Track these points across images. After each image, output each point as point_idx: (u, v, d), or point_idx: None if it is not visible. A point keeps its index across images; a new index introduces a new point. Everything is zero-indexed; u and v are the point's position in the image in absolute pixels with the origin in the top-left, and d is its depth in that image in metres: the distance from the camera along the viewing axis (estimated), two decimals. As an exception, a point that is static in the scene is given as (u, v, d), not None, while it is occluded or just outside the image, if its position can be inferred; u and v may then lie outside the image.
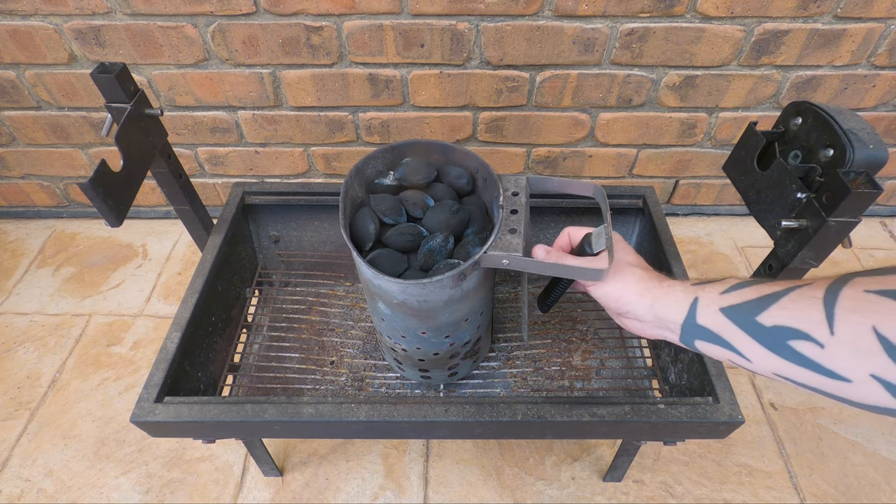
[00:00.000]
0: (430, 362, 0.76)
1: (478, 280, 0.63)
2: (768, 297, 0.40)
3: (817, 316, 0.36)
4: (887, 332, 0.32)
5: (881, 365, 0.32)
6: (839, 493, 0.96)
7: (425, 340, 0.70)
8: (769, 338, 0.39)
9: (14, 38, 1.09)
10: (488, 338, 0.85)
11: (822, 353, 0.36)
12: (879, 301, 0.33)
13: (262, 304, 1.02)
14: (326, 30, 1.07)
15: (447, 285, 0.60)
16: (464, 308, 0.66)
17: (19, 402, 1.09)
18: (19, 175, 1.38)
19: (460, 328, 0.70)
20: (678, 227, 1.46)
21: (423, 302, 0.62)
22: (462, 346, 0.74)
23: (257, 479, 0.98)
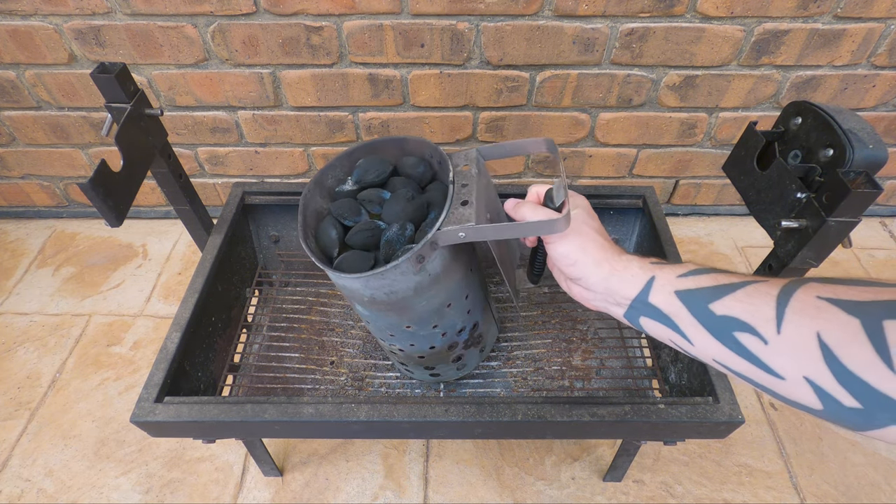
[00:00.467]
0: (430, 358, 0.75)
1: (445, 261, 0.62)
2: (724, 286, 0.41)
3: (768, 313, 0.37)
4: (829, 339, 0.33)
5: (816, 369, 0.34)
6: (839, 493, 0.96)
7: (415, 335, 0.69)
8: (717, 326, 0.40)
9: (14, 38, 1.09)
10: (491, 323, 0.81)
11: (764, 348, 0.37)
12: (828, 309, 0.34)
13: (262, 304, 1.02)
14: (326, 30, 1.07)
15: (409, 271, 0.58)
16: (440, 293, 0.65)
17: (19, 402, 1.09)
18: (19, 175, 1.38)
19: (445, 315, 0.68)
20: (678, 227, 1.46)
21: (391, 293, 0.61)
22: (457, 334, 0.73)
23: (257, 479, 0.98)
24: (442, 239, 0.57)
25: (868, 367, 0.31)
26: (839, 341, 0.33)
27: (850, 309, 0.33)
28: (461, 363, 0.79)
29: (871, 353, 0.31)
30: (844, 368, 0.32)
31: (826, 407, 0.34)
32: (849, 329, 0.32)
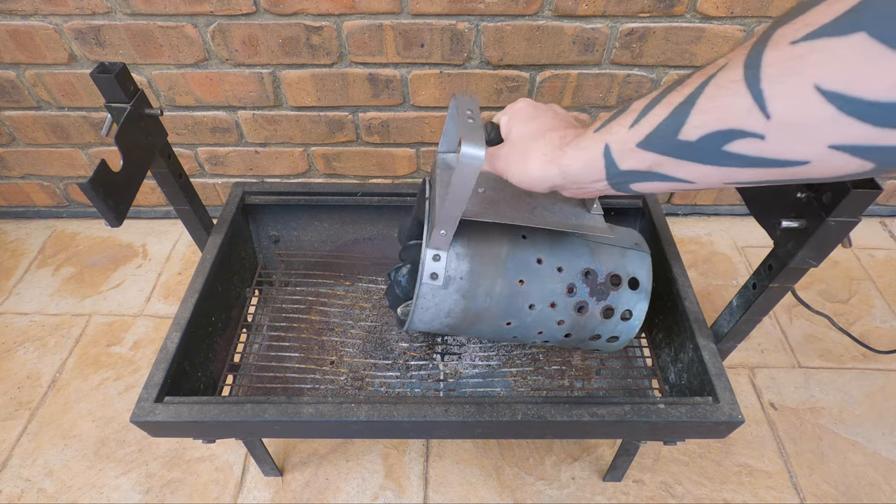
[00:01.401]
0: (577, 331, 0.71)
1: (461, 259, 0.63)
2: (682, 105, 0.34)
3: (744, 103, 0.30)
4: (832, 84, 0.26)
5: (839, 130, 0.27)
6: (839, 493, 0.96)
7: (526, 324, 0.69)
8: (701, 152, 0.34)
9: (14, 38, 1.09)
10: (616, 256, 0.72)
11: (764, 145, 0.30)
12: (811, 48, 0.26)
13: (262, 304, 1.02)
14: (326, 30, 1.07)
15: (433, 292, 0.63)
16: (494, 280, 0.64)
17: (19, 402, 1.09)
18: (19, 175, 1.38)
19: (530, 291, 0.66)
20: (678, 227, 1.46)
21: (450, 312, 0.66)
22: (568, 295, 0.68)
23: (257, 479, 0.98)
24: (426, 264, 0.61)
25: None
26: (847, 77, 0.25)
27: (840, 28, 0.25)
28: (613, 318, 0.70)
29: (893, 61, 0.23)
30: (871, 104, 0.25)
31: (878, 161, 0.27)
32: (851, 53, 0.25)
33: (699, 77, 0.33)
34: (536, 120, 0.51)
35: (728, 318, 0.75)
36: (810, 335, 1.20)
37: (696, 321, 0.76)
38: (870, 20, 0.24)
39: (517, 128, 0.52)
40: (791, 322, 1.23)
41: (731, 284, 1.31)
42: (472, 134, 0.49)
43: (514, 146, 0.51)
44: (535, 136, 0.49)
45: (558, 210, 0.64)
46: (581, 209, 0.66)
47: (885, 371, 1.13)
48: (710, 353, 0.72)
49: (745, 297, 0.72)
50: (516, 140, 0.51)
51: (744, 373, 1.14)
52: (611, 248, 0.69)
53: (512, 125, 0.53)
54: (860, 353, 1.16)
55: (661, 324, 0.88)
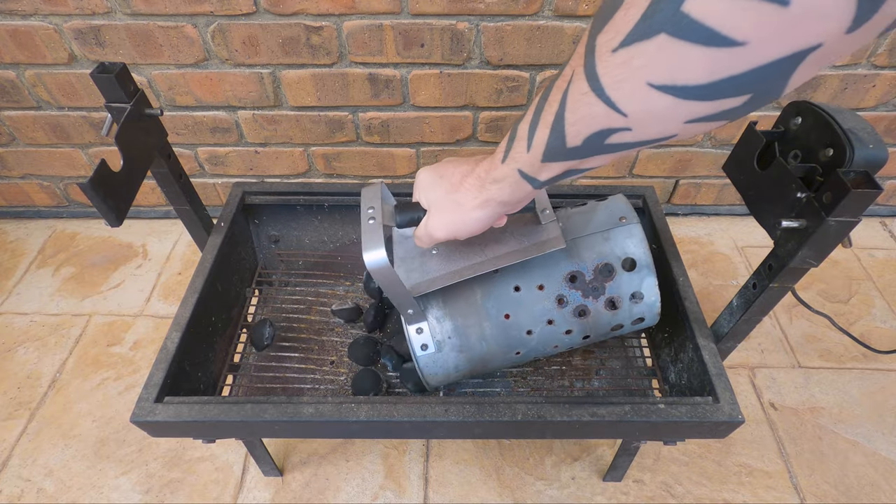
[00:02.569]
0: (598, 335, 0.72)
1: (440, 322, 0.67)
2: (556, 123, 0.39)
3: (600, 110, 0.34)
4: (660, 79, 0.30)
5: (684, 110, 0.31)
6: (839, 493, 0.96)
7: (535, 346, 0.70)
8: (591, 149, 0.39)
9: (14, 38, 1.09)
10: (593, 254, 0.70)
11: (634, 133, 0.35)
12: (629, 54, 0.30)
13: (262, 304, 1.02)
14: (326, 30, 1.07)
15: (432, 356, 0.68)
16: (481, 325, 0.67)
17: (19, 402, 1.09)
18: (19, 175, 1.38)
19: (518, 322, 0.68)
20: (678, 227, 1.46)
21: (456, 368, 0.70)
22: (559, 308, 0.68)
23: (257, 479, 0.98)
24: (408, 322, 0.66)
25: None
26: (667, 72, 0.29)
27: (644, 32, 0.29)
28: (622, 306, 0.70)
29: (694, 50, 0.27)
30: (696, 87, 0.29)
31: (728, 119, 0.32)
32: (661, 52, 0.29)
33: (557, 93, 0.38)
34: (444, 178, 0.55)
35: (728, 318, 0.75)
36: (810, 335, 1.20)
37: (696, 321, 0.76)
38: (663, 22, 0.28)
39: (432, 194, 0.55)
40: (791, 322, 1.23)
41: (731, 284, 1.31)
42: (369, 238, 0.54)
43: (442, 209, 0.54)
44: (455, 189, 0.53)
45: (509, 237, 0.65)
46: (532, 226, 0.65)
47: (885, 371, 1.13)
48: (710, 353, 0.72)
49: (745, 297, 0.72)
50: (440, 203, 0.54)
51: (744, 373, 1.14)
52: (589, 238, 0.68)
53: (426, 195, 0.56)
54: (860, 353, 1.16)
55: (661, 324, 0.88)
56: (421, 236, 0.58)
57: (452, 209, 0.53)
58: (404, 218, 0.59)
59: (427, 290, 0.62)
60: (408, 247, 0.68)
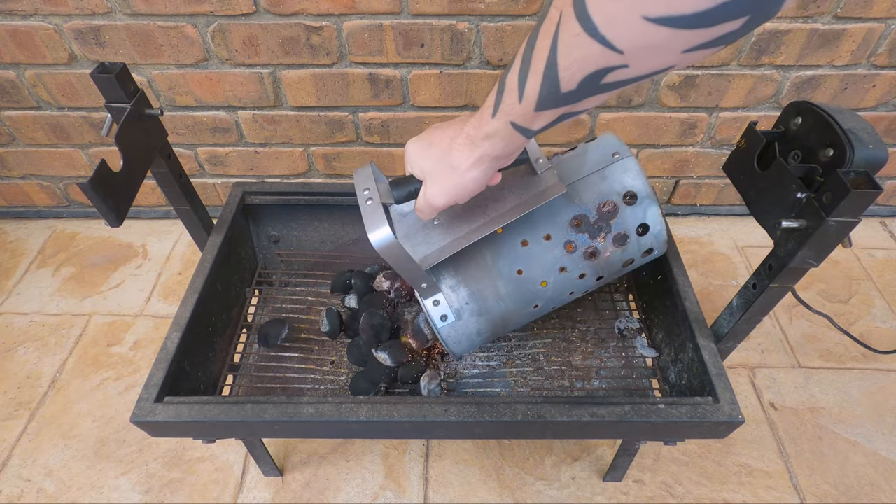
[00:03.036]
0: (611, 274, 0.72)
1: (455, 289, 0.66)
2: (547, 69, 0.38)
3: (595, 50, 0.34)
4: (655, 12, 0.30)
5: (682, 40, 0.31)
6: (839, 493, 0.96)
7: (552, 294, 0.70)
8: (586, 91, 0.38)
9: (14, 38, 1.09)
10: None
11: (631, 69, 0.35)
12: None
13: (262, 304, 1.02)
14: (326, 30, 1.07)
15: (451, 324, 0.68)
16: (493, 284, 0.66)
17: (19, 402, 1.09)
18: (19, 175, 1.38)
19: (531, 276, 0.67)
20: (678, 227, 1.46)
21: (479, 332, 0.69)
22: (568, 254, 0.68)
23: (257, 479, 0.98)
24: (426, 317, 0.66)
25: None
26: (662, 3, 0.30)
27: None
28: (630, 240, 0.69)
29: None
30: (692, 16, 0.29)
31: (725, 44, 0.32)
32: None
33: (545, 38, 0.37)
34: (433, 145, 0.54)
35: (728, 318, 0.75)
36: (810, 335, 1.20)
37: (696, 321, 0.76)
38: None
39: (425, 163, 0.54)
40: (791, 322, 1.23)
41: (731, 284, 1.31)
42: (372, 218, 0.53)
43: (437, 176, 0.53)
44: (446, 153, 0.52)
45: (508, 193, 0.64)
46: (528, 177, 0.64)
47: (885, 371, 1.13)
48: (710, 353, 0.72)
49: (745, 297, 0.72)
50: (434, 170, 0.53)
51: (744, 373, 1.14)
52: (587, 179, 0.68)
53: (419, 165, 0.55)
54: (860, 353, 1.16)
55: (661, 324, 0.88)
56: (421, 208, 0.57)
57: (448, 174, 0.52)
58: (401, 192, 0.58)
59: (437, 260, 0.61)
60: (409, 222, 0.67)
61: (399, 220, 0.68)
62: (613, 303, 1.02)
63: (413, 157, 0.56)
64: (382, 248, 0.53)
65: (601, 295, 1.04)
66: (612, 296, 1.04)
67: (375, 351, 0.85)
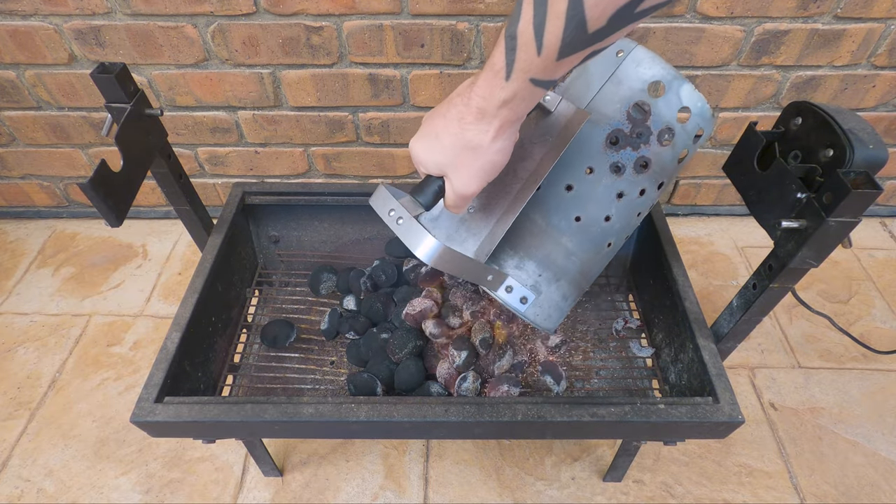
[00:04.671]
0: (670, 177, 0.66)
1: (530, 264, 0.61)
2: (571, 7, 0.36)
3: None
4: None
5: None
6: (839, 493, 0.96)
7: (619, 229, 0.65)
8: (618, 23, 0.36)
9: (14, 38, 1.09)
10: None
11: None
12: None
13: (262, 305, 1.02)
14: (326, 30, 1.07)
15: (528, 306, 0.62)
16: (569, 243, 0.62)
17: (19, 402, 1.09)
18: (19, 175, 1.38)
19: (606, 226, 0.62)
20: (678, 227, 1.46)
21: (565, 295, 0.64)
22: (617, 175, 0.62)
23: (257, 479, 0.98)
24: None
25: None
26: None
27: None
28: (676, 130, 0.63)
29: None
30: None
31: None
32: None
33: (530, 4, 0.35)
34: (440, 136, 0.49)
35: (728, 318, 0.75)
36: (810, 335, 1.20)
37: (696, 321, 0.76)
38: None
39: (439, 157, 0.50)
40: (791, 322, 1.23)
41: (731, 284, 1.31)
42: (411, 236, 0.50)
43: (459, 164, 0.49)
44: (460, 137, 0.48)
45: (531, 146, 0.59)
46: (543, 120, 0.59)
47: (885, 371, 1.13)
48: (710, 353, 0.72)
49: (746, 298, 0.72)
50: (454, 159, 0.49)
51: (744, 373, 1.14)
52: (602, 93, 0.61)
53: (433, 161, 0.51)
54: (860, 354, 1.16)
55: (661, 324, 0.88)
56: (453, 203, 0.53)
57: (470, 157, 0.48)
58: (427, 197, 0.54)
59: (492, 247, 0.58)
60: (444, 224, 0.63)
61: (432, 226, 0.64)
62: (613, 303, 1.02)
63: (423, 156, 0.52)
64: (436, 260, 0.50)
65: (601, 295, 1.04)
66: (613, 296, 1.04)
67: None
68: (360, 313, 0.95)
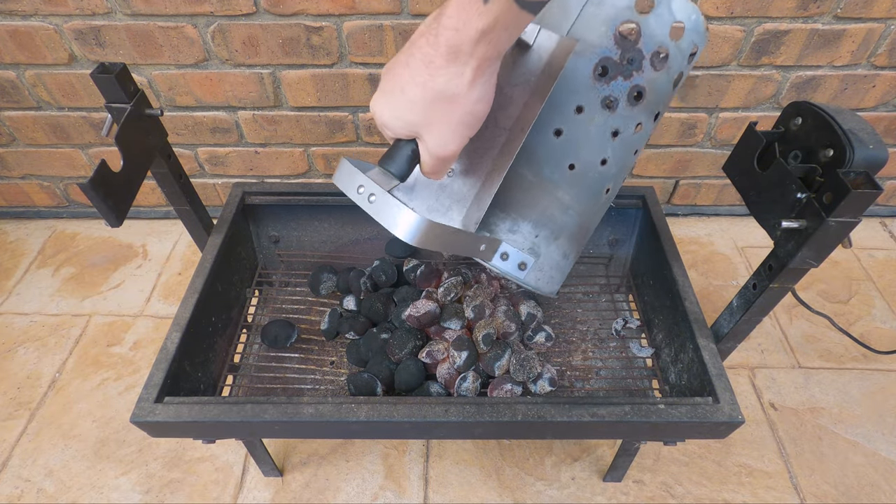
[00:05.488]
0: (664, 108, 0.60)
1: (524, 225, 0.55)
2: None
3: None
4: None
5: None
6: (839, 493, 0.96)
7: (615, 173, 0.58)
8: None
9: (14, 39, 1.09)
10: None
11: None
12: None
13: (262, 305, 1.02)
14: (326, 30, 1.07)
15: (527, 272, 0.57)
16: (565, 196, 0.55)
17: (19, 403, 1.09)
18: (19, 175, 1.38)
19: (602, 171, 0.55)
20: (678, 227, 1.46)
21: (566, 254, 0.59)
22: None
23: (257, 479, 0.98)
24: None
25: None
26: None
27: None
28: (670, 51, 0.55)
29: None
30: None
31: None
32: None
33: None
34: (405, 90, 0.41)
35: (728, 318, 0.75)
36: (810, 335, 1.20)
37: (696, 321, 0.76)
38: None
39: (409, 116, 0.42)
40: (791, 322, 1.23)
41: (731, 285, 1.31)
42: (386, 213, 0.43)
43: (435, 120, 0.41)
44: (430, 86, 0.40)
45: (512, 89, 0.51)
46: (521, 57, 0.50)
47: (885, 371, 1.13)
48: (710, 353, 0.72)
49: (746, 298, 0.72)
50: (427, 115, 0.41)
51: (744, 373, 1.14)
52: (581, 18, 0.52)
53: (403, 120, 0.43)
54: (860, 354, 1.16)
55: (661, 324, 0.88)
56: (431, 168, 0.45)
57: (445, 109, 0.40)
58: (400, 166, 0.47)
59: (480, 213, 0.51)
60: (422, 194, 0.56)
61: (409, 198, 0.57)
62: (614, 303, 1.02)
63: (387, 116, 0.44)
64: (419, 238, 0.43)
65: (601, 295, 1.04)
66: (613, 296, 1.04)
67: None
68: (360, 313, 0.95)
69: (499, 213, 0.55)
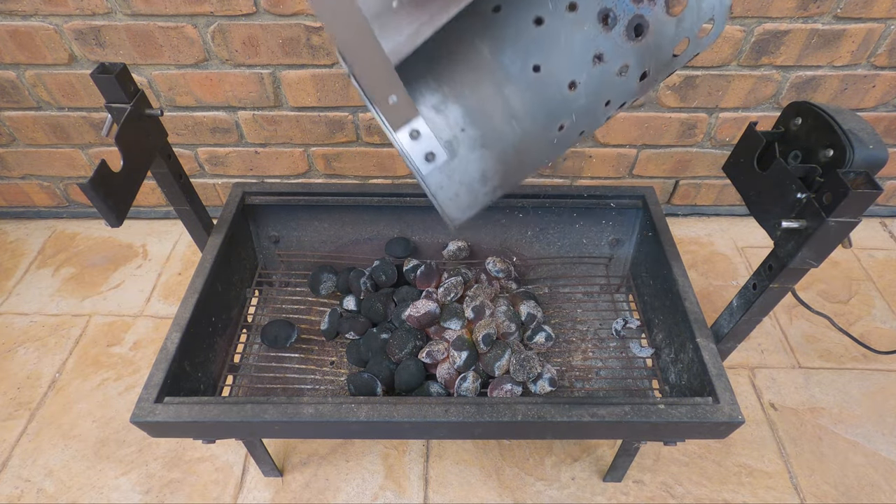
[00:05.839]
0: (659, 66, 0.50)
1: (453, 107, 0.45)
2: None
3: None
4: None
5: None
6: (839, 493, 0.96)
7: (582, 109, 0.49)
8: None
9: (14, 39, 1.09)
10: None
11: None
12: None
13: (262, 305, 1.02)
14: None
15: (435, 166, 0.47)
16: (515, 97, 0.45)
17: (19, 403, 1.09)
18: (19, 175, 1.38)
19: (567, 95, 0.47)
20: (678, 227, 1.46)
21: (485, 174, 0.48)
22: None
23: (257, 479, 0.98)
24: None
25: None
26: None
27: None
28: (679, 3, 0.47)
29: None
30: None
31: None
32: None
33: None
34: None
35: (728, 318, 0.75)
36: (810, 335, 1.20)
37: (696, 321, 0.76)
38: None
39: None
40: (791, 322, 1.23)
41: (731, 285, 1.31)
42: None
43: None
44: None
45: None
46: None
47: (885, 371, 1.13)
48: (710, 353, 0.72)
49: (746, 298, 0.72)
50: None
51: (744, 373, 1.14)
52: None
53: None
54: (860, 354, 1.16)
55: (661, 324, 0.88)
56: None
57: None
58: None
59: (411, 47, 0.40)
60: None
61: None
62: (614, 303, 1.02)
63: None
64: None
65: (601, 295, 1.04)
66: (613, 296, 1.04)
67: None
68: (360, 313, 0.95)
69: (431, 81, 0.45)
